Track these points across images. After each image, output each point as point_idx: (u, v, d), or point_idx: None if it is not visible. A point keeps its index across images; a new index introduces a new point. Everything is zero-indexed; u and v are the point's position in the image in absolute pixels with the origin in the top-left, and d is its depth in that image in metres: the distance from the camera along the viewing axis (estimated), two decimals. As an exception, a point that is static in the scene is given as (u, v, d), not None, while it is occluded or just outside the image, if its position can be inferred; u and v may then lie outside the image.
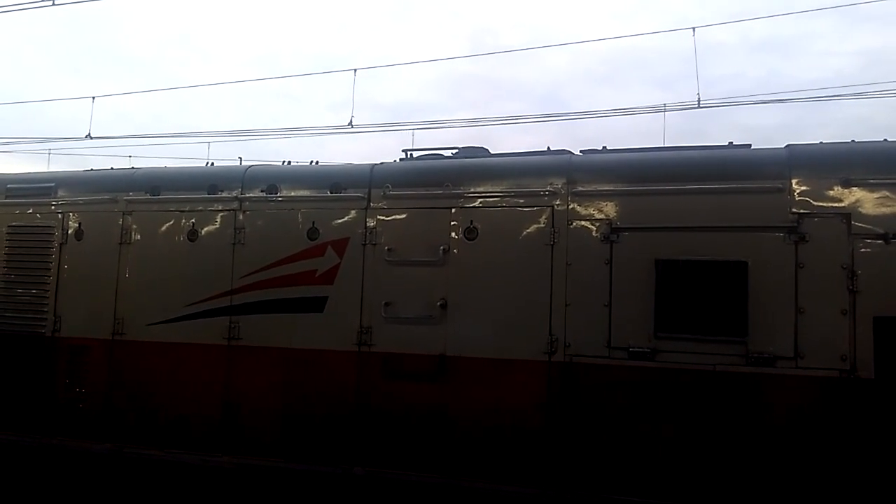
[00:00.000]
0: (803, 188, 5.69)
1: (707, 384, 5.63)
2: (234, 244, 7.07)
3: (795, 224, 5.63)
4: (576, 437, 5.91)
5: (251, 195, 7.17)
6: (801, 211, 5.65)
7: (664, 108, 12.64)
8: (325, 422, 6.59)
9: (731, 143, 6.54)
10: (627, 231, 6.01)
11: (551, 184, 6.30)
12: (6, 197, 8.09)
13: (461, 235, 6.44)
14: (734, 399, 5.58)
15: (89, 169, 8.63)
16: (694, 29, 12.15)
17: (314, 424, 6.62)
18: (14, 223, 7.98)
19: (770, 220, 5.71)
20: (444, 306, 6.37)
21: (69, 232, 7.71)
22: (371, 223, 6.73)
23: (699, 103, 11.99)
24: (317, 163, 7.84)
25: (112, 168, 8.66)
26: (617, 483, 5.77)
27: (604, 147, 6.79)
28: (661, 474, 5.68)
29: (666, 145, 7.49)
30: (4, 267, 7.90)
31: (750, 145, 6.45)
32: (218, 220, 7.21)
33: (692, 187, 5.93)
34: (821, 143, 6.18)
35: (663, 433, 5.69)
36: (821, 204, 5.64)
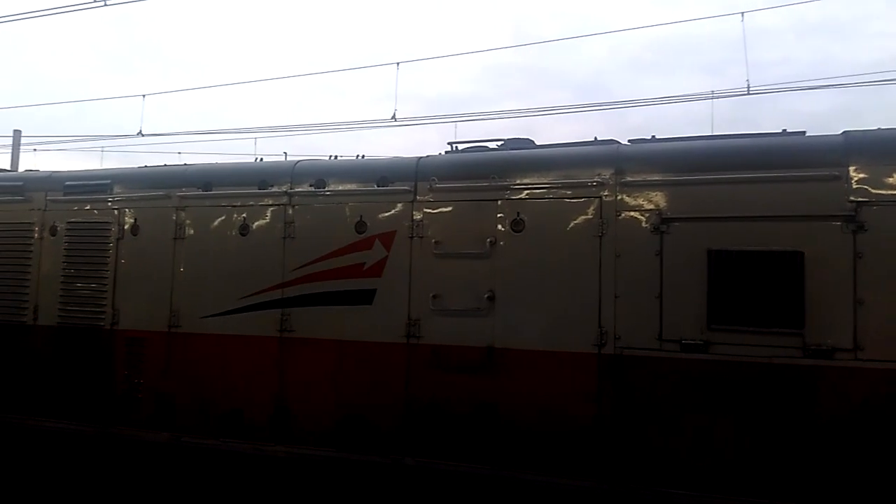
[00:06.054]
0: (861, 176, 5.53)
1: (763, 377, 5.53)
2: (284, 238, 7.18)
3: (853, 213, 5.48)
4: (626, 430, 5.87)
5: (300, 189, 7.28)
6: (860, 199, 5.49)
7: (713, 95, 12.39)
8: (375, 413, 6.67)
9: (785, 130, 6.39)
10: (678, 221, 5.92)
11: (599, 174, 6.24)
12: (64, 194, 8.36)
13: (508, 227, 6.43)
14: (791, 392, 5.47)
15: (143, 166, 8.87)
16: (742, 14, 11.86)
17: (365, 415, 6.70)
18: (72, 219, 8.24)
19: (827, 208, 5.56)
20: (491, 298, 6.37)
21: (125, 227, 7.93)
22: (417, 216, 6.76)
23: (749, 89, 11.71)
24: (363, 156, 7.91)
25: (165, 165, 8.89)
26: (668, 477, 5.72)
27: (653, 136, 6.70)
28: (714, 468, 5.61)
29: (716, 133, 7.34)
30: (65, 262, 8.16)
31: (804, 132, 6.29)
32: (268, 214, 7.33)
33: (745, 176, 5.81)
34: (879, 129, 5.99)
35: (717, 427, 5.61)
36: (880, 192, 5.47)
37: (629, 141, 6.72)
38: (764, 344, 5.55)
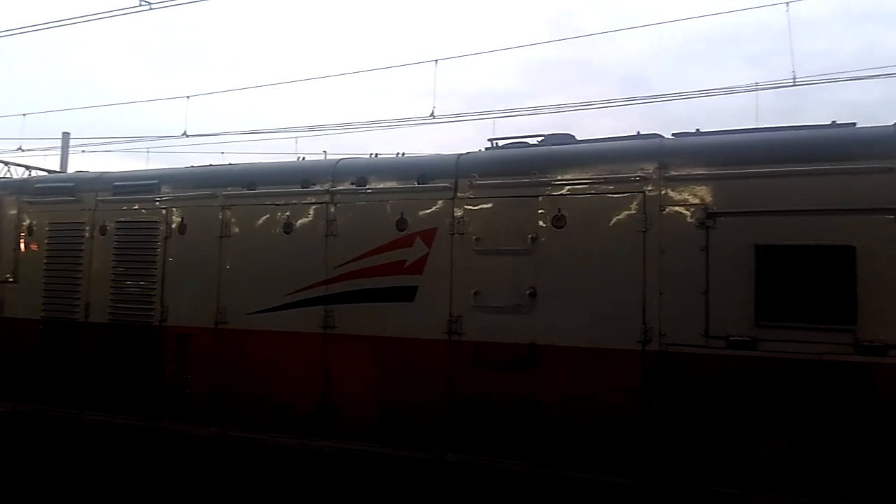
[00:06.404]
0: None
1: (813, 374, 5.42)
2: (326, 236, 7.27)
3: None
4: (671, 428, 5.80)
5: (342, 188, 7.35)
6: None
7: (757, 87, 12.12)
8: (417, 409, 6.70)
9: (835, 122, 6.23)
10: (724, 216, 5.82)
11: (642, 169, 6.17)
12: (114, 194, 8.57)
13: (549, 223, 6.40)
14: (842, 390, 5.34)
15: (189, 166, 9.04)
16: (788, 3, 11.57)
17: (407, 411, 6.74)
18: (122, 219, 8.45)
19: (879, 202, 5.41)
20: (533, 295, 6.36)
21: (173, 226, 8.10)
22: (458, 213, 6.77)
23: (795, 80, 11.43)
24: (403, 154, 7.95)
25: (210, 164, 9.05)
26: (714, 475, 5.64)
27: (697, 129, 6.59)
28: (762, 467, 5.51)
29: (763, 126, 7.19)
30: (114, 261, 8.38)
31: (854, 124, 6.13)
32: (311, 212, 7.42)
33: (794, 169, 5.68)
34: (934, 118, 5.81)
35: (765, 425, 5.51)
36: None
37: (673, 134, 6.63)
38: (814, 340, 5.43)
